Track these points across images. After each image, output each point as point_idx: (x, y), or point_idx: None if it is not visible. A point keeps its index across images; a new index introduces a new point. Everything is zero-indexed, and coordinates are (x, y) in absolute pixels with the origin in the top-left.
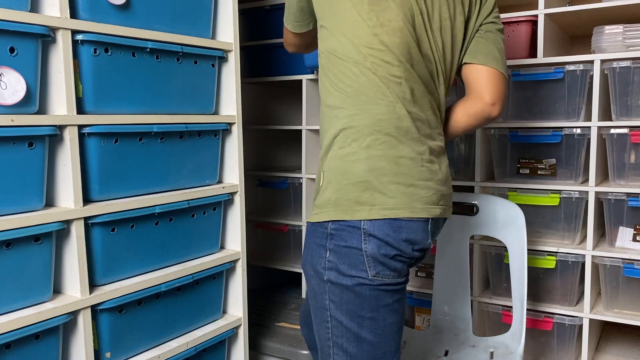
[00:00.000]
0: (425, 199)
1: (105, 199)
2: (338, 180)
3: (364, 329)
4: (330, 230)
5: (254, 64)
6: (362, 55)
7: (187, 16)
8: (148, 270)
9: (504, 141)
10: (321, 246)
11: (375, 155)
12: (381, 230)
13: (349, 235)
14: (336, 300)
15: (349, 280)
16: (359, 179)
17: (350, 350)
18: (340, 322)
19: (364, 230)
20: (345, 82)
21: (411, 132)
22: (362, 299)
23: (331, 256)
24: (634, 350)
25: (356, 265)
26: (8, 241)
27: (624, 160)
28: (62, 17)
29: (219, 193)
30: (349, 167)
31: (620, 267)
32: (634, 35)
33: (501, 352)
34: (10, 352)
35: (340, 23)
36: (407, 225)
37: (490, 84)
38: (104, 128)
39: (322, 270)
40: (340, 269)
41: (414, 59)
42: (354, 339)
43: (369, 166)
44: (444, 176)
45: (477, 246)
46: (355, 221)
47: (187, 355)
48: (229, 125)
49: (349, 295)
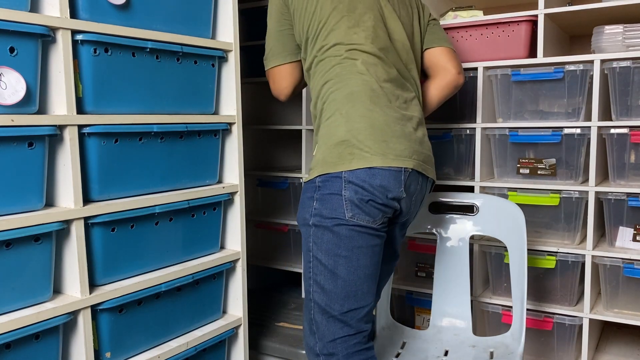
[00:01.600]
0: (397, 151)
1: (105, 199)
2: (325, 143)
3: (339, 266)
4: (318, 183)
5: (254, 64)
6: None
7: (187, 16)
8: (148, 270)
9: (504, 141)
10: (310, 198)
11: (352, 119)
12: (358, 177)
13: (332, 185)
14: (318, 241)
15: (329, 222)
16: (340, 139)
17: (326, 287)
18: (319, 260)
19: (344, 179)
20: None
21: (383, 101)
22: (340, 238)
23: (317, 204)
24: (634, 350)
25: (336, 208)
26: (8, 241)
27: (624, 160)
28: (62, 17)
29: (219, 193)
30: (332, 131)
31: (620, 267)
32: (634, 35)
33: (501, 352)
34: (10, 352)
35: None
36: (380, 172)
37: (451, 59)
38: (104, 128)
39: (309, 217)
40: (323, 213)
41: (388, 49)
42: (330, 276)
43: (348, 127)
44: (420, 139)
45: (477, 246)
46: (337, 172)
47: (187, 355)
48: (229, 125)
49: (329, 235)
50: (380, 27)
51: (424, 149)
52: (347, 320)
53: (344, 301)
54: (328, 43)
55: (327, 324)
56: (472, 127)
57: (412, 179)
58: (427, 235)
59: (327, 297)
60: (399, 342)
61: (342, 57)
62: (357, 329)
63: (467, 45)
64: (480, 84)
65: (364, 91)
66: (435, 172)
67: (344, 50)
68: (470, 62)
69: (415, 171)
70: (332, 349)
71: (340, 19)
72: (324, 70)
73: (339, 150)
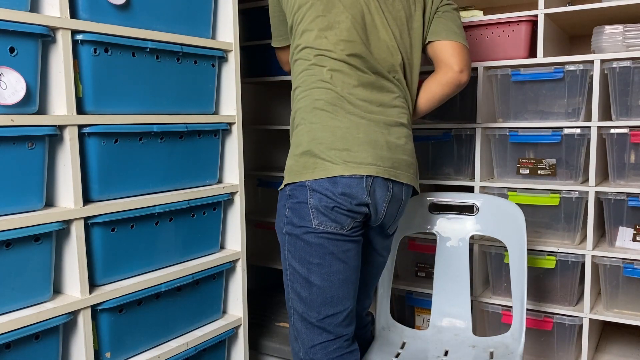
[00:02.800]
0: (359, 159)
1: (105, 199)
2: (292, 152)
3: (313, 273)
4: (288, 191)
5: (254, 64)
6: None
7: (187, 16)
8: (148, 270)
9: (504, 141)
10: (283, 206)
11: (315, 129)
12: (322, 186)
13: (299, 193)
14: (291, 249)
15: (299, 230)
16: (304, 149)
17: (302, 294)
18: (294, 268)
19: (309, 187)
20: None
21: (348, 108)
22: (310, 246)
23: (289, 212)
24: (634, 350)
25: (304, 217)
26: (8, 241)
27: (624, 160)
28: (62, 17)
29: (219, 193)
30: (298, 140)
31: (620, 267)
32: (634, 35)
33: (501, 352)
34: (10, 352)
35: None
36: (342, 181)
37: (455, 54)
38: (104, 128)
39: (282, 225)
40: (293, 221)
41: (361, 54)
42: (305, 283)
43: (310, 138)
44: (391, 143)
45: (477, 246)
46: (302, 181)
47: (187, 355)
48: (229, 125)
49: (300, 244)
50: (358, 28)
51: (396, 153)
52: (325, 326)
53: (321, 308)
54: (300, 44)
55: (306, 330)
56: (472, 127)
57: (376, 185)
58: (427, 235)
59: (304, 305)
60: (398, 342)
61: (311, 62)
62: (336, 334)
63: None
64: (480, 84)
65: (326, 100)
66: (419, 174)
67: (313, 55)
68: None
69: (380, 178)
70: (312, 355)
71: (314, 18)
72: (296, 73)
73: (303, 160)
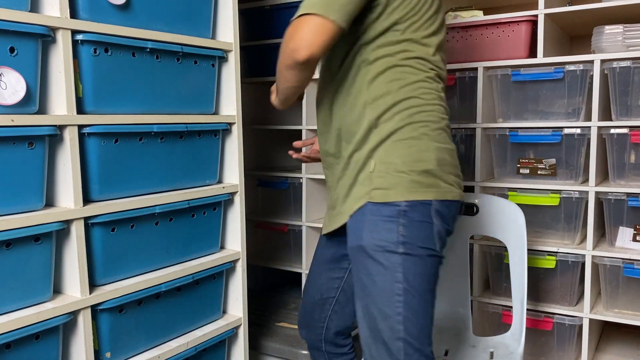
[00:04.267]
0: (459, 184)
1: (105, 199)
2: (410, 167)
3: (430, 300)
4: (404, 207)
5: (254, 64)
6: None
7: (187, 16)
8: (148, 270)
9: (504, 141)
10: (390, 221)
11: (441, 148)
12: (445, 209)
13: (422, 212)
14: (409, 272)
15: (422, 251)
16: (429, 167)
17: (421, 323)
18: (413, 294)
19: (434, 208)
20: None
21: (449, 132)
22: (431, 269)
23: (404, 230)
24: (634, 350)
25: (427, 237)
26: (8, 241)
27: (624, 160)
28: (62, 17)
29: (219, 193)
30: (420, 156)
31: (620, 267)
32: (634, 35)
33: (501, 352)
34: (10, 352)
35: None
36: (455, 205)
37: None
38: (104, 128)
39: (395, 243)
40: (415, 241)
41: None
42: (423, 311)
43: (437, 157)
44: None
45: (477, 246)
46: (427, 200)
47: (187, 355)
48: (229, 125)
49: (422, 266)
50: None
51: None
52: (432, 357)
53: (430, 339)
54: (414, 51)
55: None
56: (472, 127)
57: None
58: None
59: (421, 335)
60: None
61: (428, 74)
62: None
63: (467, 45)
64: (480, 84)
65: (448, 121)
66: None
67: (429, 67)
68: (470, 62)
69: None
70: None
71: (437, 28)
72: (403, 81)
73: (428, 178)
